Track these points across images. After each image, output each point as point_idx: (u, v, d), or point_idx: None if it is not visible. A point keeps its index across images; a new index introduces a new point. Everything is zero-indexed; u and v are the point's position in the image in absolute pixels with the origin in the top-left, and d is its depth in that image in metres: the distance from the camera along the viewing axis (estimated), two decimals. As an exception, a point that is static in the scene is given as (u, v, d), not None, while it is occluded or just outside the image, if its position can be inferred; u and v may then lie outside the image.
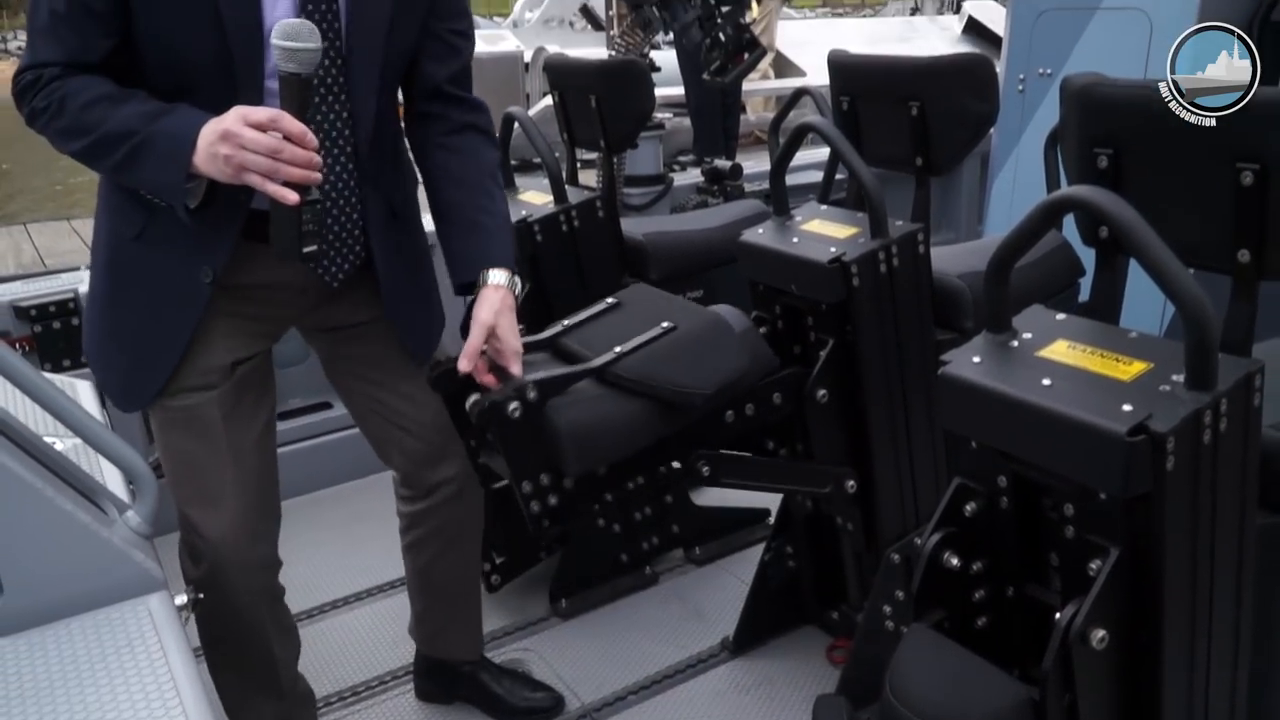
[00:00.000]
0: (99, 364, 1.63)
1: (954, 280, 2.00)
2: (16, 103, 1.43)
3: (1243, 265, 1.20)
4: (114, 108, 1.37)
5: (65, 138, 1.40)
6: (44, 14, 1.38)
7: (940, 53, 5.93)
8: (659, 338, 1.70)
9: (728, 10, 3.26)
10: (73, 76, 1.38)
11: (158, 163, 1.36)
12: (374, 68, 1.51)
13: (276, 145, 1.30)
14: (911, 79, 1.90)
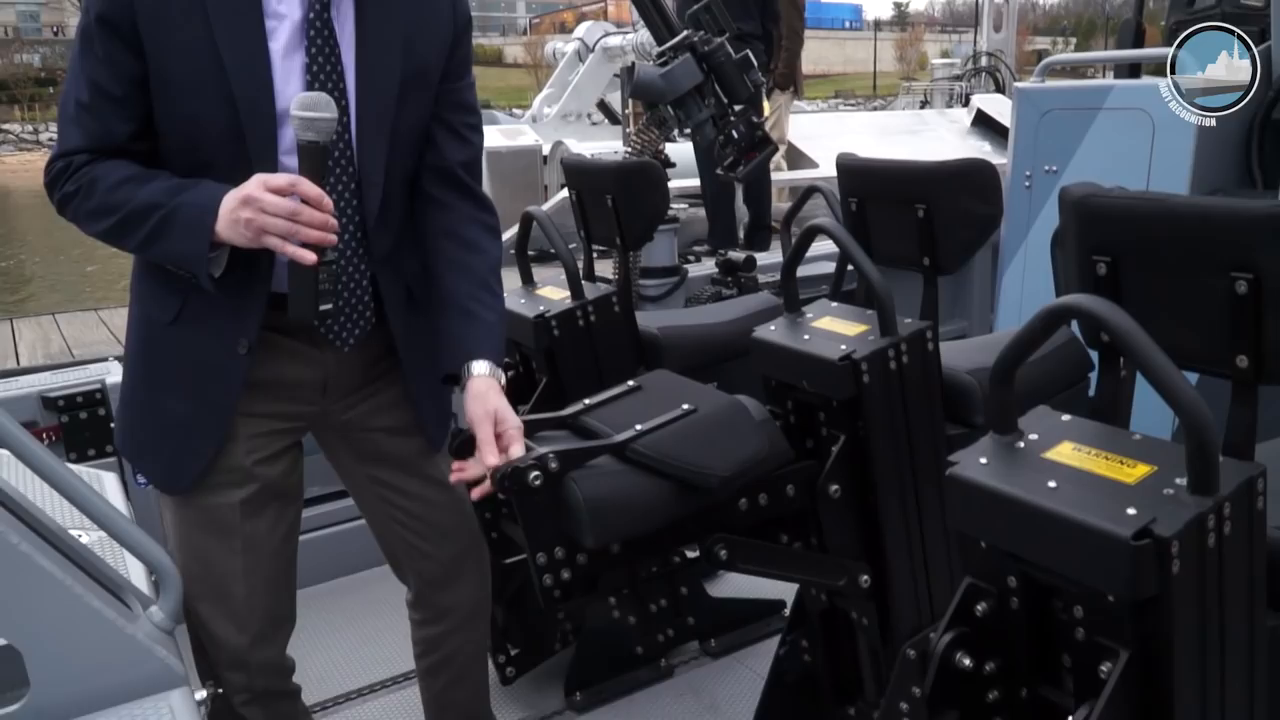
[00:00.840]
0: (139, 452, 1.66)
1: (964, 376, 2.03)
2: (49, 191, 1.51)
3: (1241, 370, 1.24)
4: (140, 186, 1.44)
5: (94, 218, 1.46)
6: (70, 104, 1.47)
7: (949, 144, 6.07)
8: (679, 418, 1.74)
9: (740, 109, 3.36)
10: (100, 161, 1.46)
11: (182, 233, 1.41)
12: (382, 139, 1.56)
13: (295, 208, 1.37)
14: (917, 182, 1.97)
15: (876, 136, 8.36)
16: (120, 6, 1.40)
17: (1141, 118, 2.87)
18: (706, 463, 1.70)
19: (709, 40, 3.30)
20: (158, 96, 1.44)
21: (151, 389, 1.60)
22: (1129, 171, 2.84)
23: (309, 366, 1.63)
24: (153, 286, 1.57)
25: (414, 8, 1.59)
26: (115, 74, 1.43)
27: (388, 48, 1.54)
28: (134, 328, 1.63)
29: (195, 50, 1.41)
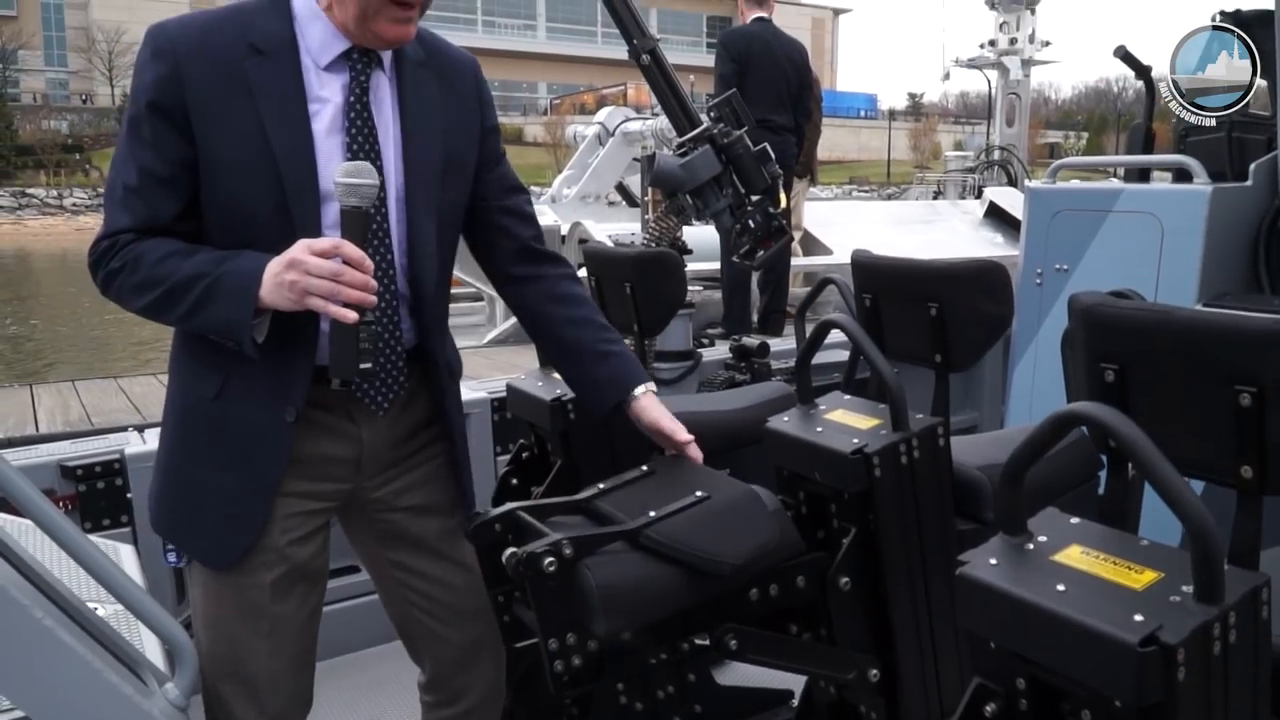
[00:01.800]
0: (179, 528, 1.66)
1: (974, 472, 2.06)
2: (94, 270, 1.55)
3: (1246, 480, 1.26)
4: (184, 259, 1.49)
5: (139, 292, 1.50)
6: (118, 188, 1.53)
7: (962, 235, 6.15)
8: (692, 505, 1.76)
9: (757, 199, 3.44)
10: (145, 239, 1.51)
11: (227, 300, 1.46)
12: (430, 212, 1.65)
13: (338, 269, 1.42)
14: (930, 281, 2.02)
15: (891, 226, 8.49)
16: (172, 95, 1.47)
17: (1151, 221, 2.93)
18: (718, 550, 1.72)
19: (729, 133, 3.40)
20: (207, 177, 1.51)
21: (194, 464, 1.61)
22: (1138, 273, 2.89)
23: (345, 442, 1.66)
24: (194, 364, 1.61)
25: (449, 106, 1.68)
26: (164, 158, 1.49)
27: (428, 131, 1.64)
28: (174, 404, 1.66)
29: (244, 134, 1.49)
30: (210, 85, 1.48)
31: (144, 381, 4.97)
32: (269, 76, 1.50)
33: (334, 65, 1.56)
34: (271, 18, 1.54)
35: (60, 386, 4.79)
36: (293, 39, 1.53)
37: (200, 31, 1.51)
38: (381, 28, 1.51)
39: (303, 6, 1.55)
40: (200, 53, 1.49)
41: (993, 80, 20.09)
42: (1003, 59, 18.40)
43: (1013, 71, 17.85)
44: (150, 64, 1.49)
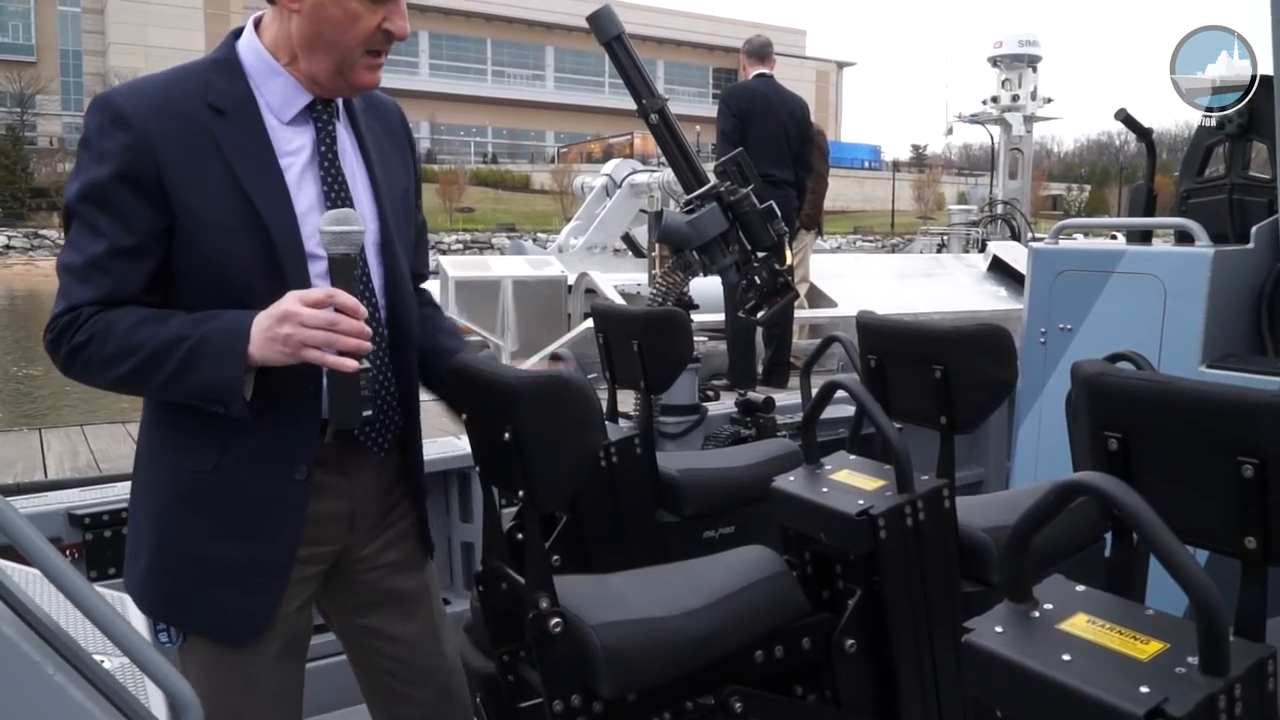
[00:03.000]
0: (186, 610, 1.57)
1: (980, 534, 2.06)
2: (53, 349, 1.47)
3: (1250, 551, 1.27)
4: (161, 324, 1.44)
5: (110, 364, 1.43)
6: (78, 262, 1.45)
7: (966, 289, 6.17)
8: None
9: (763, 256, 3.48)
10: (111, 309, 1.44)
11: (214, 361, 1.41)
12: (406, 252, 1.68)
13: (333, 318, 1.40)
14: (934, 344, 2.04)
15: (895, 279, 8.54)
16: (143, 161, 1.43)
17: (1153, 283, 2.96)
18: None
19: (735, 191, 3.45)
20: (189, 240, 1.46)
21: (196, 542, 1.53)
22: (1142, 334, 2.91)
23: (340, 499, 1.63)
24: (180, 438, 1.54)
25: (392, 148, 1.72)
26: (132, 228, 1.44)
27: (389, 174, 1.66)
28: (160, 482, 1.57)
29: (223, 193, 1.46)
30: (181, 147, 1.45)
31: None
32: (235, 135, 1.49)
33: (297, 119, 1.56)
34: (226, 77, 1.52)
35: (69, 431, 4.82)
36: (251, 96, 1.53)
37: (157, 96, 1.48)
38: (358, 76, 1.53)
39: (254, 63, 1.54)
40: (164, 115, 1.46)
41: (995, 135, 20.36)
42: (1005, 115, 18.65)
43: (1015, 127, 18.09)
44: (111, 132, 1.45)
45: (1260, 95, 3.26)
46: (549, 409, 1.48)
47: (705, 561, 1.95)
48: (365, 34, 1.49)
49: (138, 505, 1.61)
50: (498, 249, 21.98)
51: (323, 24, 1.48)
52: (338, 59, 1.51)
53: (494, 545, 1.72)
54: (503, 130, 74.41)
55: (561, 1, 71.94)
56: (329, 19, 1.48)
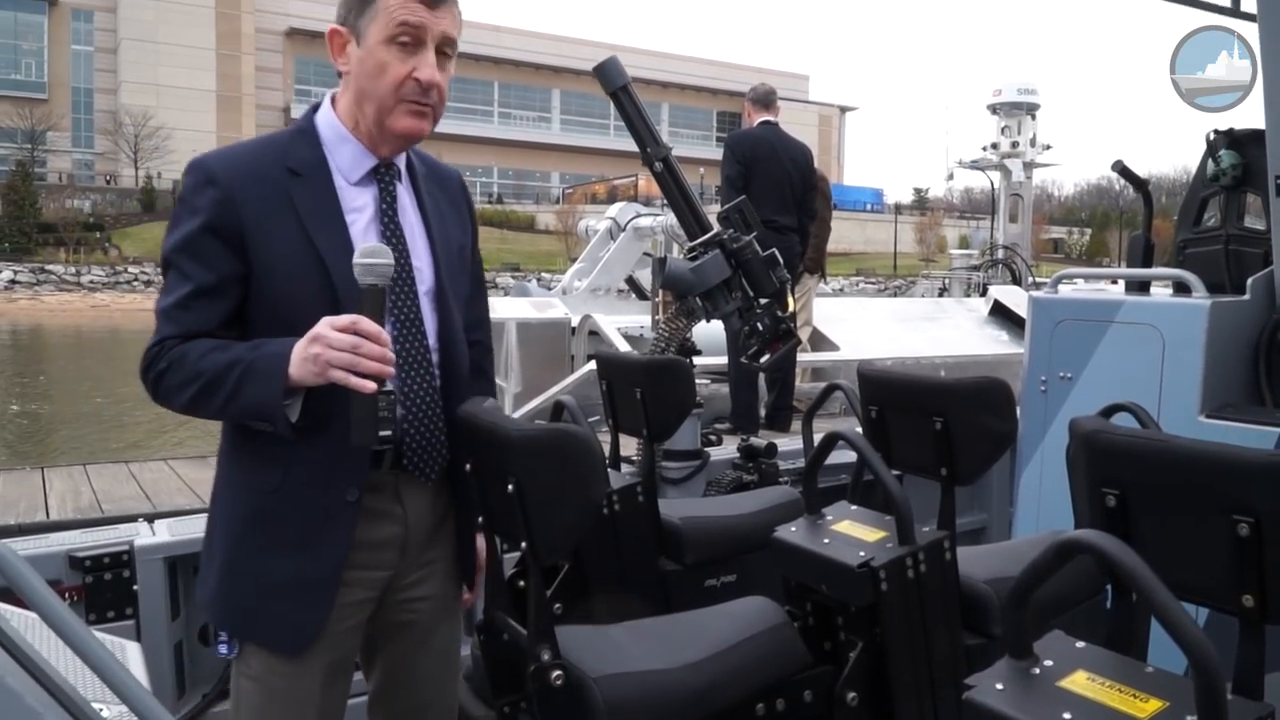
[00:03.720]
0: (246, 619, 1.69)
1: (981, 586, 2.07)
2: (144, 375, 1.65)
3: (1247, 609, 1.28)
4: (223, 352, 1.60)
5: (182, 388, 1.60)
6: (170, 304, 1.64)
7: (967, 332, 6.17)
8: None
9: (766, 302, 3.51)
10: (190, 341, 1.62)
11: (260, 381, 1.56)
12: (460, 304, 1.82)
13: (356, 342, 1.52)
14: (934, 396, 2.06)
15: (898, 323, 8.57)
16: (228, 216, 1.62)
17: (1152, 333, 2.98)
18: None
19: (738, 238, 3.48)
20: (261, 286, 1.64)
21: (256, 555, 1.67)
22: (1141, 384, 2.93)
23: (393, 524, 1.74)
24: (250, 460, 1.70)
25: (451, 211, 1.89)
26: (216, 273, 1.62)
27: (445, 231, 1.82)
28: (229, 499, 1.73)
29: (295, 246, 1.64)
30: (261, 205, 1.64)
31: (155, 468, 5.00)
32: (309, 195, 1.67)
33: (363, 180, 1.73)
34: (303, 144, 1.72)
35: (72, 470, 4.81)
36: (324, 161, 1.71)
37: (244, 159, 1.68)
38: (398, 121, 1.68)
39: (329, 132, 1.74)
40: (248, 178, 1.65)
41: (995, 180, 20.52)
42: (1005, 161, 18.79)
43: (1015, 173, 18.23)
44: (202, 190, 1.64)
45: (1253, 149, 3.30)
46: (551, 462, 1.50)
47: (706, 613, 1.96)
48: (396, 81, 1.64)
49: (213, 523, 1.76)
50: (502, 289, 22.11)
51: (362, 77, 1.67)
52: (376, 107, 1.67)
53: (496, 595, 1.73)
54: (509, 171, 75.01)
55: (568, 46, 72.90)
56: (366, 71, 1.66)
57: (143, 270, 50.93)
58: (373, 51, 1.64)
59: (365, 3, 1.65)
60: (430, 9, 1.64)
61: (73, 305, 44.27)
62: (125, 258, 52.44)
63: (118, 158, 64.62)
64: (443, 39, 1.67)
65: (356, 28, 1.66)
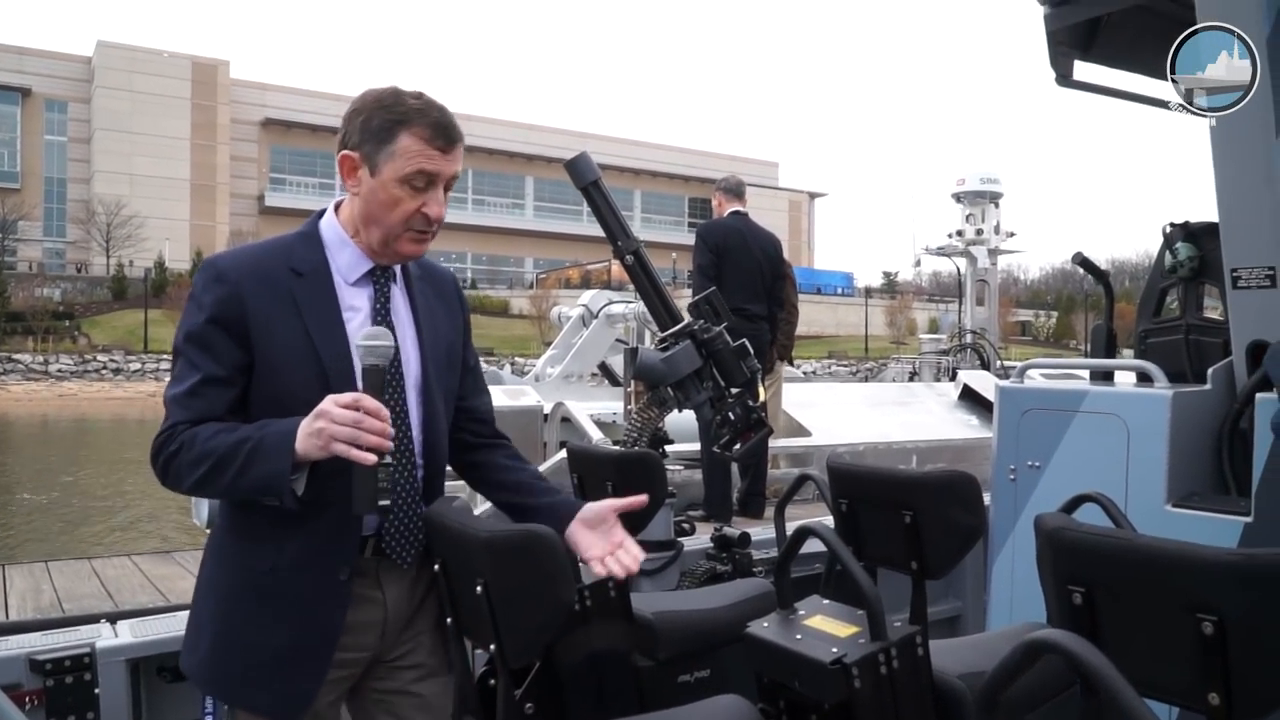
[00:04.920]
0: (238, 688, 1.80)
1: (954, 681, 2.05)
2: (155, 459, 1.75)
3: (1214, 707, 1.29)
4: (231, 433, 1.71)
5: (193, 467, 1.70)
6: (181, 392, 1.75)
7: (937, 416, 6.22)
8: None
9: (738, 392, 3.54)
10: (200, 426, 1.73)
11: (269, 457, 1.66)
12: (445, 400, 1.94)
13: (359, 418, 1.63)
14: (903, 490, 2.07)
15: (869, 408, 8.64)
16: (234, 310, 1.75)
17: (1116, 423, 3.03)
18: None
19: (709, 329, 3.52)
20: (261, 375, 1.77)
21: (251, 629, 1.78)
22: (1108, 472, 2.97)
23: (372, 608, 1.85)
24: (247, 542, 1.81)
25: (443, 311, 2.01)
26: (222, 363, 1.75)
27: (435, 330, 1.95)
28: (223, 577, 1.83)
29: (293, 340, 1.77)
30: (265, 300, 1.77)
31: (118, 564, 4.91)
32: (309, 294, 1.81)
33: (360, 281, 1.87)
34: (307, 247, 1.87)
35: (33, 567, 4.73)
36: (325, 263, 1.85)
37: (251, 259, 1.83)
38: (402, 246, 1.84)
39: (331, 236, 1.88)
40: (254, 276, 1.79)
41: (961, 267, 20.95)
42: (970, 248, 19.20)
43: (980, 259, 18.60)
44: (213, 287, 1.77)
45: (1208, 242, 3.41)
46: (519, 564, 1.50)
47: (679, 713, 1.92)
48: (405, 216, 1.80)
49: (201, 594, 1.87)
50: (475, 375, 22.04)
51: (373, 205, 1.81)
52: (384, 233, 1.82)
53: (465, 699, 1.71)
54: (482, 256, 75.69)
55: (541, 134, 74.19)
56: (378, 201, 1.80)
57: (111, 358, 50.55)
58: (386, 186, 1.78)
59: (383, 141, 1.77)
60: (445, 154, 1.79)
61: (39, 395, 43.71)
62: (95, 346, 52.08)
63: (89, 246, 64.67)
64: (451, 178, 1.83)
65: (372, 159, 1.79)
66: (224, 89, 73.02)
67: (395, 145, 1.77)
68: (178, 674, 2.91)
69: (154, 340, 54.71)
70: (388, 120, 1.78)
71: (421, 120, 1.78)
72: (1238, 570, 1.26)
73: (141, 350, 53.33)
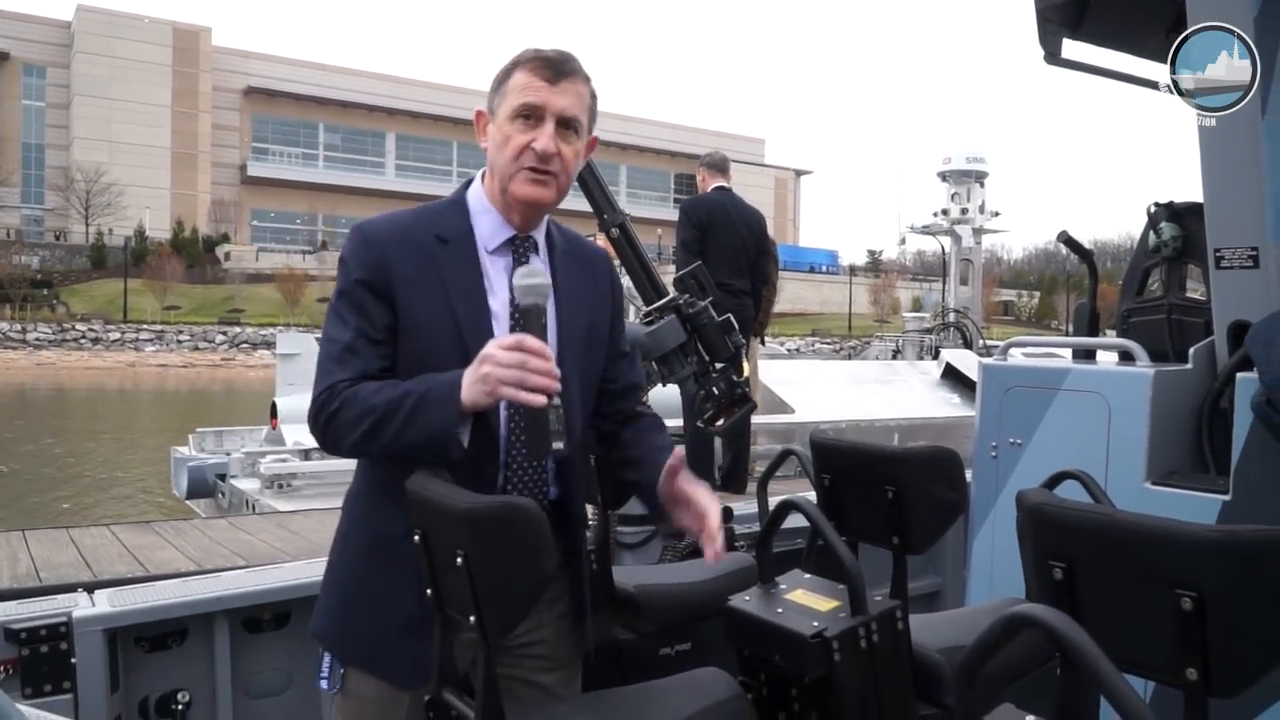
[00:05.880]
0: (374, 654, 1.81)
1: (934, 655, 2.07)
2: (315, 419, 1.76)
3: (1191, 682, 1.29)
4: (394, 388, 1.71)
5: (355, 424, 1.70)
6: (335, 350, 1.77)
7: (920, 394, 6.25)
8: None
9: (721, 367, 3.54)
10: (359, 384, 1.74)
11: (436, 407, 1.67)
12: (575, 375, 1.87)
13: (523, 359, 1.63)
14: (886, 465, 2.08)
15: (852, 385, 8.67)
16: (381, 274, 1.78)
17: (1097, 400, 3.04)
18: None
19: (693, 303, 3.52)
20: (404, 338, 1.78)
21: (381, 593, 1.79)
22: (1089, 450, 2.98)
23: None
24: (383, 506, 1.80)
25: (590, 288, 1.97)
26: (373, 322, 1.77)
27: (575, 307, 1.91)
28: (356, 537, 1.86)
29: (436, 304, 1.79)
30: (410, 264, 1.79)
31: (96, 533, 4.87)
32: (453, 259, 1.82)
33: (499, 249, 1.87)
34: (453, 214, 1.88)
35: (10, 536, 4.67)
36: (470, 230, 1.86)
37: (399, 225, 1.85)
38: (518, 188, 1.81)
39: (476, 203, 1.89)
40: (400, 240, 1.81)
41: (946, 245, 21.02)
42: (955, 227, 19.25)
43: (965, 238, 18.64)
44: (360, 251, 1.80)
45: (1192, 222, 3.41)
46: (499, 535, 1.49)
47: (659, 685, 1.93)
48: (516, 151, 1.80)
49: (335, 553, 1.91)
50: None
51: (492, 150, 1.85)
52: (501, 176, 1.83)
53: (445, 673, 1.70)
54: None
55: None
56: (495, 144, 1.84)
57: (90, 328, 50.14)
58: (501, 127, 1.81)
59: (499, 85, 1.83)
60: (551, 85, 1.78)
61: (17, 363, 43.39)
62: (73, 315, 51.63)
63: (68, 214, 63.95)
64: (562, 114, 1.79)
65: (493, 108, 1.84)
66: (205, 56, 72.18)
67: (508, 85, 1.81)
68: (156, 643, 2.93)
69: (133, 310, 54.30)
70: (506, 67, 1.83)
71: (532, 58, 1.81)
72: (1217, 547, 1.27)
73: (121, 320, 52.91)
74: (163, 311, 56.14)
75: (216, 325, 56.34)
